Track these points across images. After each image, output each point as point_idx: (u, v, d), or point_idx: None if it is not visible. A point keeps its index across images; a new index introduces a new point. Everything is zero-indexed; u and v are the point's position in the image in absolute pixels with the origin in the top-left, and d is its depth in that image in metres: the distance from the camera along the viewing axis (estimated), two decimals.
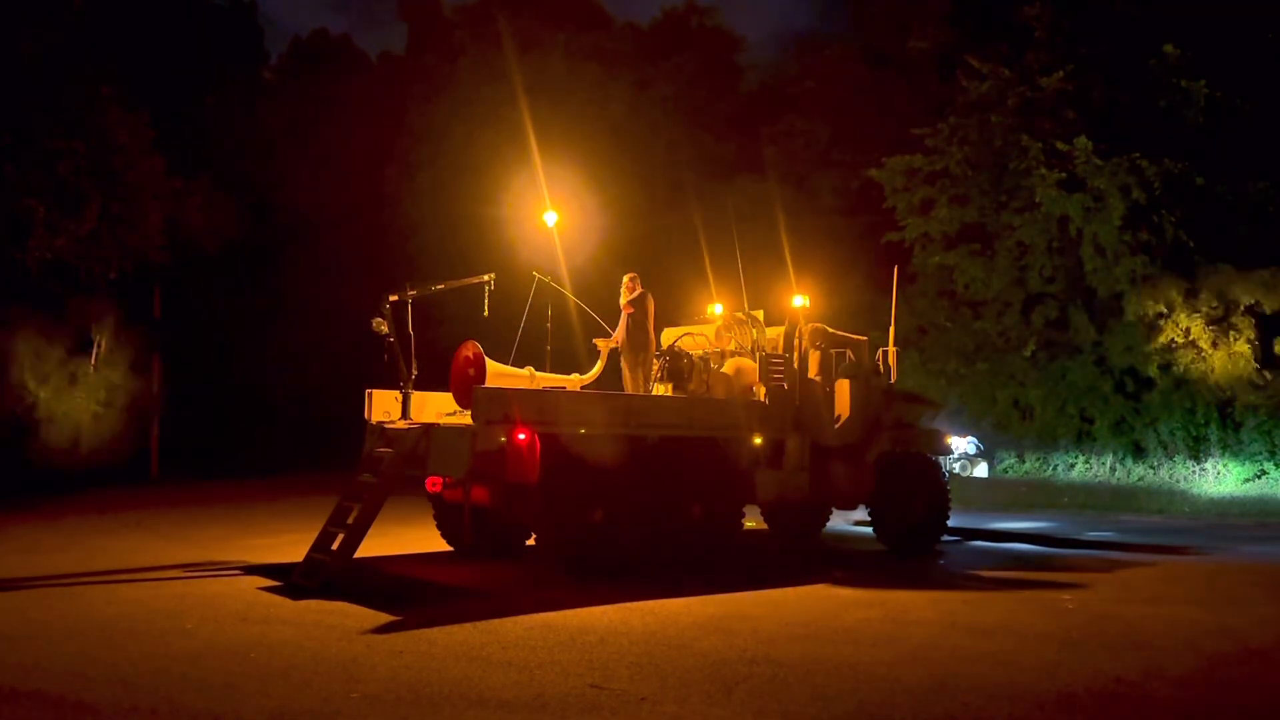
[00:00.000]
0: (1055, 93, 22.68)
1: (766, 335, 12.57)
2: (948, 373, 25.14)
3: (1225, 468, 22.02)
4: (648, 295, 11.80)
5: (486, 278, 11.50)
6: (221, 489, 20.98)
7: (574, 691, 6.07)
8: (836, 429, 12.31)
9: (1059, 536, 15.41)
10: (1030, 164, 22.41)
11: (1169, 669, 6.96)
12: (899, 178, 25.25)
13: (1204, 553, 13.70)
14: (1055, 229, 22.86)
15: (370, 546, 10.41)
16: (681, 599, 9.03)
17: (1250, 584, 11.10)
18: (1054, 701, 6.08)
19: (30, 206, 18.81)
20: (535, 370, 11.72)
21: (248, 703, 5.75)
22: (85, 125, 19.37)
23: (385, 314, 10.72)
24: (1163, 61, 21.60)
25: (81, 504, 17.31)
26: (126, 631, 7.49)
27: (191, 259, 23.65)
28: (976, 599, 9.77)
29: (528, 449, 9.53)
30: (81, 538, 13.02)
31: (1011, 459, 25.61)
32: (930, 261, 25.05)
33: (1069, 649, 7.50)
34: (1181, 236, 21.50)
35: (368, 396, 11.17)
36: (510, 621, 8.01)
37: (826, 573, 11.14)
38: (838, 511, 15.08)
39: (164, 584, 9.71)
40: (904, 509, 12.86)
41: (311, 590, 9.04)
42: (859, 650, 7.29)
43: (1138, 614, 9.02)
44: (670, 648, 7.22)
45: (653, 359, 11.81)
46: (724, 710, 5.77)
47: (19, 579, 9.57)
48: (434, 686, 6.12)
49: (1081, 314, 23.25)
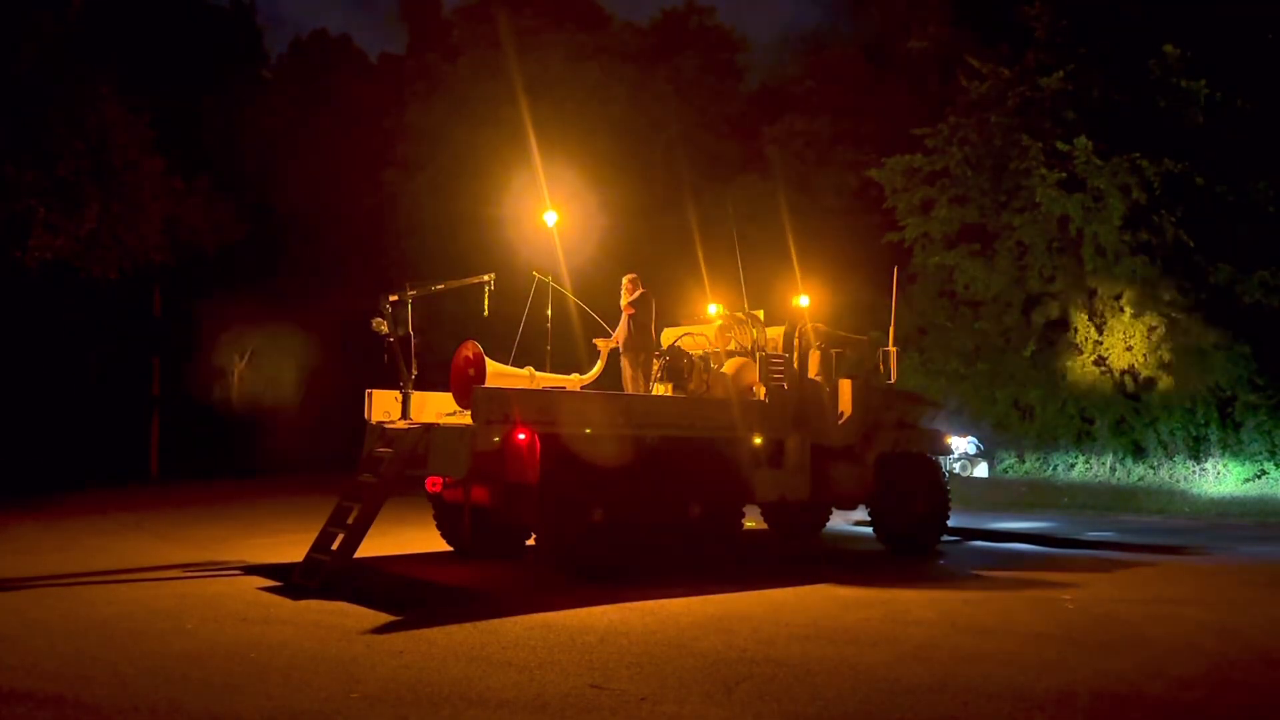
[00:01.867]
0: (1055, 93, 22.66)
1: (766, 335, 12.57)
2: (948, 373, 25.11)
3: (1225, 468, 22.02)
4: (649, 296, 11.84)
5: (486, 278, 11.50)
6: (221, 489, 20.98)
7: (574, 691, 6.07)
8: (836, 429, 12.31)
9: (1059, 536, 15.41)
10: (1030, 164, 22.39)
11: (1169, 669, 6.96)
12: (899, 178, 25.23)
13: (1204, 553, 13.71)
14: (1055, 229, 22.84)
15: (370, 546, 10.41)
16: (681, 599, 9.03)
17: (1250, 584, 11.11)
18: (1054, 701, 6.07)
19: (30, 206, 18.81)
20: (535, 370, 11.73)
21: (248, 703, 5.74)
22: (85, 125, 19.37)
23: (385, 314, 10.71)
24: (1163, 61, 21.58)
25: (81, 504, 17.31)
26: (126, 631, 7.49)
27: (191, 259, 23.65)
28: (976, 599, 9.77)
29: (527, 449, 9.53)
30: (81, 538, 13.01)
31: (1011, 459, 25.61)
32: (930, 261, 25.04)
33: (1069, 649, 7.50)
34: (1181, 236, 21.48)
35: (368, 396, 11.17)
36: (510, 621, 8.00)
37: (826, 573, 11.14)
38: (838, 511, 15.09)
39: (164, 584, 9.71)
40: (904, 509, 12.87)
41: (311, 590, 9.04)
42: (859, 650, 7.28)
43: (1138, 614, 9.02)
44: (670, 648, 7.21)
45: (653, 359, 11.82)
46: (724, 710, 5.76)
47: (19, 579, 9.57)
48: (434, 686, 6.11)
49: (1081, 314, 23.24)
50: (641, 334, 11.75)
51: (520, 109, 26.07)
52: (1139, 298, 21.91)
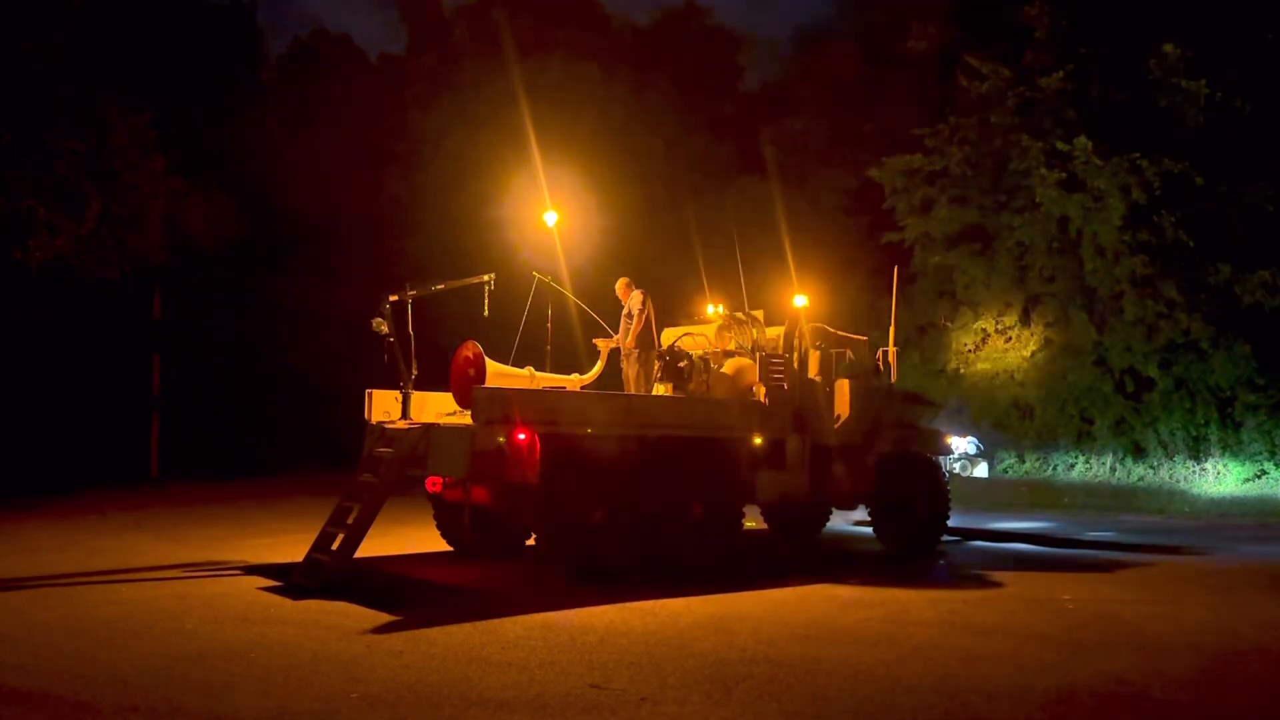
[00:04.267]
0: (1055, 93, 22.67)
1: (766, 335, 12.57)
2: (948, 373, 25.13)
3: (1225, 468, 22.02)
4: (647, 296, 11.92)
5: (486, 278, 11.49)
6: (221, 489, 20.97)
7: (574, 691, 6.07)
8: (836, 429, 12.30)
9: (1059, 536, 15.41)
10: (1030, 164, 22.41)
11: (1169, 669, 6.96)
12: (899, 178, 25.24)
13: (1204, 553, 13.71)
14: (1055, 229, 22.86)
15: (370, 546, 10.40)
16: (681, 599, 9.02)
17: (1250, 584, 11.10)
18: (1055, 701, 6.07)
19: (30, 206, 18.80)
20: (535, 370, 11.73)
21: (248, 703, 5.74)
22: (85, 125, 19.36)
23: (385, 314, 10.71)
24: (1163, 61, 21.59)
25: (81, 504, 17.30)
26: (126, 631, 7.49)
27: (191, 259, 23.64)
28: (976, 599, 9.77)
29: (528, 449, 9.52)
30: (81, 538, 13.00)
31: (1011, 459, 25.62)
32: (930, 261, 25.05)
33: (1069, 649, 7.50)
34: (1181, 236, 21.49)
35: (368, 396, 11.16)
36: (510, 621, 8.00)
37: (826, 573, 11.14)
38: (838, 511, 15.08)
39: (164, 584, 9.71)
40: (904, 509, 12.86)
41: (311, 590, 9.03)
42: (859, 650, 7.28)
43: (1138, 614, 9.03)
44: (670, 648, 7.21)
45: (653, 359, 11.84)
46: (724, 710, 5.76)
47: (19, 579, 9.56)
48: (434, 686, 6.11)
49: (1081, 314, 23.25)
50: (647, 332, 11.81)
51: (520, 109, 26.07)
52: (1139, 298, 21.92)
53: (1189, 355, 22.03)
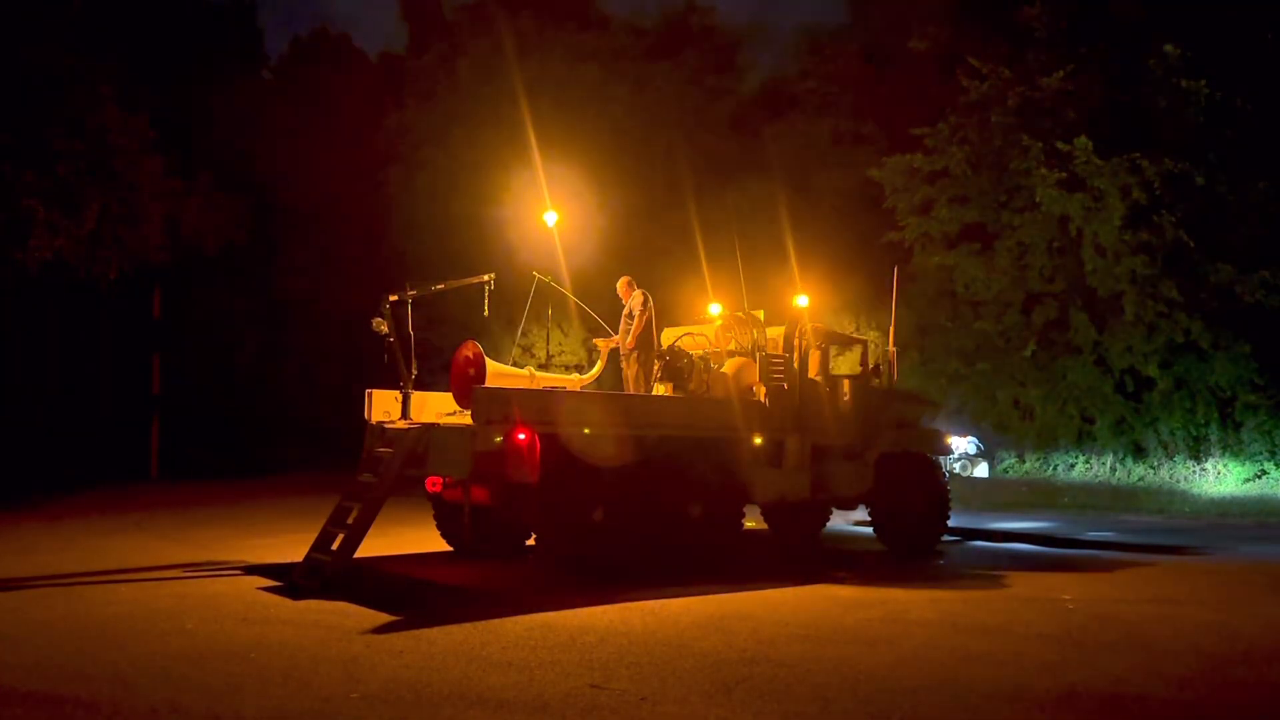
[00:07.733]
0: (1055, 93, 22.66)
1: (766, 335, 12.57)
2: (948, 373, 25.13)
3: (1225, 468, 22.02)
4: (648, 296, 11.95)
5: (486, 278, 11.50)
6: (221, 489, 20.97)
7: (574, 691, 6.07)
8: (836, 429, 12.30)
9: (1059, 536, 15.41)
10: (1030, 164, 22.39)
11: (1169, 669, 6.96)
12: (899, 178, 25.22)
13: (1204, 553, 13.70)
14: (1055, 229, 22.85)
15: (370, 546, 10.41)
16: (681, 599, 9.03)
17: (1250, 584, 11.11)
18: (1054, 701, 6.07)
19: (30, 206, 18.82)
20: (535, 370, 11.73)
21: (248, 703, 5.75)
22: (85, 125, 19.38)
23: (385, 314, 10.71)
24: (1163, 61, 21.58)
25: (81, 504, 17.30)
26: (126, 631, 7.49)
27: (191, 259, 23.66)
28: (976, 599, 9.77)
29: (528, 449, 9.52)
30: (81, 538, 13.01)
31: (1011, 459, 25.61)
32: (930, 261, 25.02)
33: (1069, 649, 7.50)
34: (1182, 236, 21.48)
35: (368, 396, 11.16)
36: (510, 621, 8.00)
37: (826, 573, 11.14)
38: (838, 511, 15.08)
39: (164, 584, 9.71)
40: (904, 509, 12.86)
41: (311, 590, 9.03)
42: (859, 650, 7.29)
43: (1138, 614, 9.02)
44: (670, 648, 7.21)
45: (654, 359, 11.86)
46: (724, 710, 5.76)
47: (19, 579, 9.57)
48: (434, 686, 6.12)
49: (1081, 314, 23.25)
50: (648, 332, 11.82)
51: (521, 109, 26.08)
52: (1139, 297, 21.92)
53: (1189, 355, 22.01)
